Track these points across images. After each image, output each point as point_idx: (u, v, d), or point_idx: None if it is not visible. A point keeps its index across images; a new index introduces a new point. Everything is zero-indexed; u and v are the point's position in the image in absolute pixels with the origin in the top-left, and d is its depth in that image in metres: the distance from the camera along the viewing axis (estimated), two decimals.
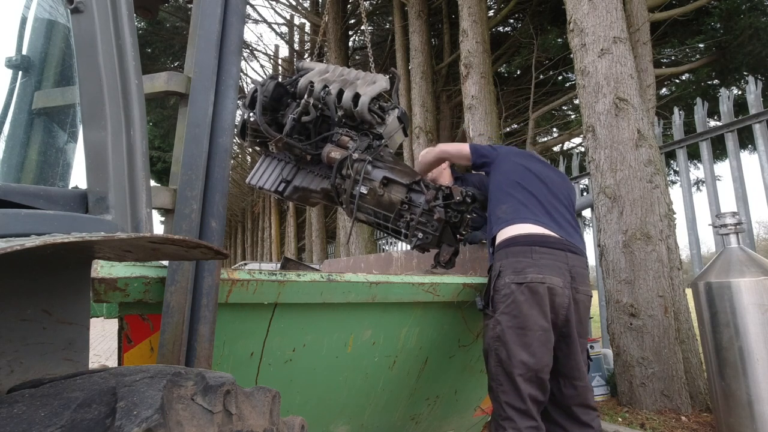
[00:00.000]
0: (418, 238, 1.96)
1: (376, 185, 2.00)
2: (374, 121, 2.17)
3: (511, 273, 1.73)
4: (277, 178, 2.33)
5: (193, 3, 1.32)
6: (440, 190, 1.98)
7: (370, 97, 2.13)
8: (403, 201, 1.98)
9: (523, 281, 1.70)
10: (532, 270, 1.71)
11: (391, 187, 2.02)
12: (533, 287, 1.70)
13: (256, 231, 22.68)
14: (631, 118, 3.21)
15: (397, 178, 2.01)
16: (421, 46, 7.02)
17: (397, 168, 2.07)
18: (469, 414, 2.39)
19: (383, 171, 2.03)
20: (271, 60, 14.93)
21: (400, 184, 2.00)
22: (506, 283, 1.73)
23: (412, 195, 2.00)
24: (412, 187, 2.00)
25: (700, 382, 3.15)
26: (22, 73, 1.17)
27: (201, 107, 1.22)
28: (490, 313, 1.75)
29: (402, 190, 2.00)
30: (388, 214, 2.03)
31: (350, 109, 2.15)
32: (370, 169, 2.03)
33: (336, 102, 2.17)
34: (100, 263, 1.12)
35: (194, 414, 0.71)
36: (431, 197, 1.95)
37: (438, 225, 1.94)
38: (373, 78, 2.25)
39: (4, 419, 0.58)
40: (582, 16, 3.44)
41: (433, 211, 1.93)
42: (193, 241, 0.77)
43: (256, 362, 1.46)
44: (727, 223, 2.60)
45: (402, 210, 1.99)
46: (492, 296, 1.75)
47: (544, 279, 1.71)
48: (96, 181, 0.90)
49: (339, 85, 2.20)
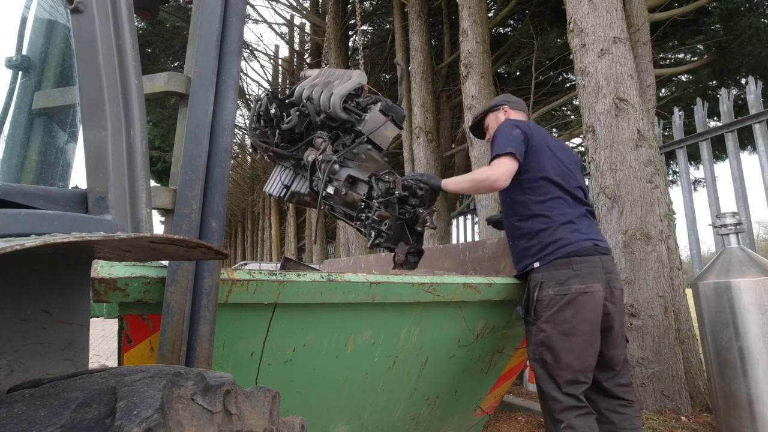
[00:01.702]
0: (373, 238, 1.93)
1: (341, 185, 1.99)
2: (352, 118, 2.15)
3: (554, 285, 1.83)
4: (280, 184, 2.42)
5: (193, 3, 1.32)
6: (391, 185, 1.94)
7: (341, 96, 2.10)
8: (363, 199, 1.96)
9: (567, 292, 1.81)
10: (575, 281, 1.82)
11: (356, 186, 2.01)
12: (577, 297, 1.81)
13: (256, 231, 22.68)
14: (631, 118, 3.21)
15: (360, 175, 1.98)
16: (421, 46, 7.02)
17: (365, 165, 2.04)
18: (469, 414, 2.39)
19: (350, 170, 2.01)
20: (271, 60, 14.93)
21: (363, 181, 1.98)
22: (549, 294, 1.83)
23: (372, 192, 1.96)
24: (369, 183, 1.97)
25: (700, 382, 3.15)
26: (22, 73, 1.18)
27: (201, 107, 1.22)
28: (532, 321, 1.86)
29: (364, 188, 1.98)
30: (352, 213, 2.02)
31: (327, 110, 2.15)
32: (336, 168, 2.01)
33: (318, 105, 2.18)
34: (100, 263, 1.12)
35: (194, 414, 0.71)
36: (381, 192, 1.91)
37: (390, 223, 1.89)
38: (349, 75, 2.24)
39: (4, 419, 0.58)
40: (582, 16, 3.44)
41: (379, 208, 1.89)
42: (193, 241, 0.77)
43: (256, 362, 1.46)
44: (727, 223, 2.60)
45: (362, 208, 1.97)
46: (534, 306, 1.86)
47: (587, 288, 1.82)
48: (96, 181, 0.90)
49: (320, 88, 2.20)
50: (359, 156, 2.10)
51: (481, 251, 2.84)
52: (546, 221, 1.92)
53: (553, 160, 1.99)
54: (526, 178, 1.96)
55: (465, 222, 6.99)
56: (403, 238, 1.97)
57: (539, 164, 1.96)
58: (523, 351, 2.36)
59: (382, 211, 1.88)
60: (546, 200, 1.94)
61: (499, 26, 8.95)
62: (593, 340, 1.83)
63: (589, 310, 1.81)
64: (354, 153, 2.09)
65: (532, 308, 1.86)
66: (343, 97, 2.11)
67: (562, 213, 1.92)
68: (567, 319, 1.79)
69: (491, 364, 2.24)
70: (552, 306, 1.82)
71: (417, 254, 1.97)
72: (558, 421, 1.77)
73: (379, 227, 1.92)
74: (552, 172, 1.96)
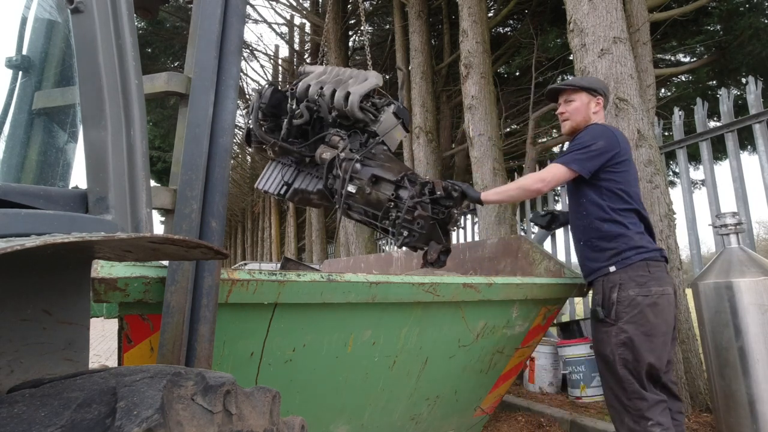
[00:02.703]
0: (404, 237, 1.94)
1: (364, 183, 1.99)
2: (367, 118, 2.16)
3: (634, 286, 1.92)
4: (280, 181, 2.38)
5: (193, 3, 1.32)
6: (425, 186, 1.96)
7: (360, 95, 2.12)
8: (390, 198, 1.96)
9: (648, 294, 1.91)
10: (653, 283, 1.93)
11: (380, 185, 2.01)
12: (657, 299, 1.91)
13: (256, 231, 22.67)
14: (631, 118, 3.21)
15: (385, 175, 1.99)
16: (421, 47, 7.01)
17: (388, 165, 2.05)
18: (469, 414, 2.39)
19: (372, 169, 2.02)
20: (271, 60, 14.92)
21: (388, 181, 1.98)
22: (630, 296, 1.91)
23: (399, 192, 1.97)
24: (399, 183, 1.98)
25: (700, 382, 3.15)
26: (22, 73, 1.17)
27: (201, 107, 1.22)
28: (611, 322, 1.93)
29: (390, 188, 1.98)
30: (376, 212, 2.01)
31: (342, 109, 2.15)
32: (358, 167, 2.01)
33: (330, 103, 2.18)
34: (100, 263, 1.12)
35: (194, 414, 0.71)
36: (415, 193, 1.93)
37: (423, 222, 1.91)
38: (365, 75, 2.24)
39: (4, 419, 0.58)
40: (582, 16, 3.44)
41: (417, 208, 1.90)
42: (193, 241, 0.77)
43: (256, 362, 1.46)
44: (727, 223, 2.60)
45: (389, 208, 1.97)
46: (615, 307, 1.93)
47: (664, 290, 1.94)
48: (96, 181, 0.90)
49: (333, 86, 2.20)
50: (378, 156, 2.10)
51: (481, 251, 2.85)
52: (623, 228, 2.00)
53: (635, 175, 2.12)
54: (610, 186, 2.03)
55: (465, 222, 6.99)
56: (435, 237, 1.98)
57: (625, 177, 2.04)
58: (523, 351, 2.36)
59: (420, 210, 1.89)
60: (624, 210, 2.02)
61: (499, 26, 8.95)
62: (669, 339, 1.94)
63: (667, 312, 1.93)
64: (372, 153, 2.09)
65: (612, 310, 1.92)
66: (361, 96, 2.12)
67: (635, 223, 2.02)
68: (649, 320, 1.88)
69: (491, 364, 2.24)
70: (634, 307, 1.89)
71: (447, 253, 2.00)
72: (646, 418, 1.84)
73: (411, 226, 1.92)
74: (633, 186, 2.07)
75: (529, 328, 2.25)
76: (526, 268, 2.53)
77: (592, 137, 2.03)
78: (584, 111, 2.17)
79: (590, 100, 2.18)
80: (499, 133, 5.21)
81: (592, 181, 2.03)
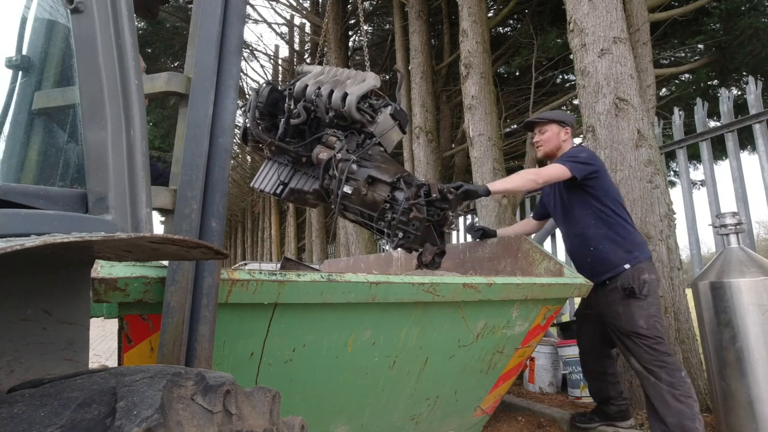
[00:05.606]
0: (399, 238, 1.94)
1: (360, 184, 1.99)
2: (364, 119, 2.16)
3: (651, 273, 2.44)
4: (276, 180, 2.37)
5: (193, 3, 1.32)
6: (421, 188, 1.96)
7: (358, 96, 2.12)
8: (386, 200, 1.96)
9: (657, 278, 2.50)
10: (654, 272, 2.49)
11: (376, 186, 2.00)
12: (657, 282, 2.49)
13: (256, 231, 22.66)
14: (631, 118, 3.21)
15: (381, 176, 1.98)
16: (421, 47, 7.01)
17: (384, 166, 2.05)
18: (469, 414, 2.39)
19: (369, 170, 2.01)
20: (271, 60, 14.92)
21: (385, 182, 1.98)
22: (651, 278, 2.42)
23: (395, 193, 1.97)
24: (395, 185, 1.98)
25: (700, 382, 3.15)
26: (22, 73, 1.17)
27: (201, 107, 1.22)
28: (642, 297, 2.38)
29: (386, 189, 1.98)
30: (372, 213, 2.01)
31: (340, 109, 2.15)
32: (355, 168, 2.01)
33: (327, 103, 2.17)
34: (100, 263, 1.12)
35: (194, 414, 0.71)
36: (411, 195, 1.93)
37: (418, 224, 1.91)
38: (363, 76, 2.24)
39: (4, 419, 0.58)
40: (582, 16, 3.44)
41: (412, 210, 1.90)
42: (193, 241, 0.77)
43: (256, 362, 1.46)
44: (727, 223, 2.60)
45: (385, 209, 1.97)
46: (642, 285, 2.38)
47: (658, 278, 2.58)
48: (96, 181, 0.90)
49: (330, 86, 2.20)
50: (374, 157, 2.10)
51: (481, 251, 2.85)
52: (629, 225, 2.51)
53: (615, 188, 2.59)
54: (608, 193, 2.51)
55: (465, 222, 6.99)
56: (429, 239, 1.98)
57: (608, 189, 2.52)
58: (523, 351, 2.36)
59: (416, 212, 1.89)
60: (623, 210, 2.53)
61: (499, 26, 8.95)
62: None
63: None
64: (369, 154, 2.09)
65: (644, 287, 2.37)
66: (359, 97, 2.12)
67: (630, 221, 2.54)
68: (658, 295, 2.50)
69: (491, 364, 2.24)
70: (655, 288, 2.42)
71: (441, 254, 2.03)
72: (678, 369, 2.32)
73: (406, 228, 1.92)
74: (617, 196, 2.56)
75: (529, 328, 2.25)
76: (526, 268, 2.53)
77: (579, 151, 2.56)
78: (555, 139, 2.70)
79: (560, 130, 2.71)
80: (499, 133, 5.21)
81: (591, 192, 2.49)
